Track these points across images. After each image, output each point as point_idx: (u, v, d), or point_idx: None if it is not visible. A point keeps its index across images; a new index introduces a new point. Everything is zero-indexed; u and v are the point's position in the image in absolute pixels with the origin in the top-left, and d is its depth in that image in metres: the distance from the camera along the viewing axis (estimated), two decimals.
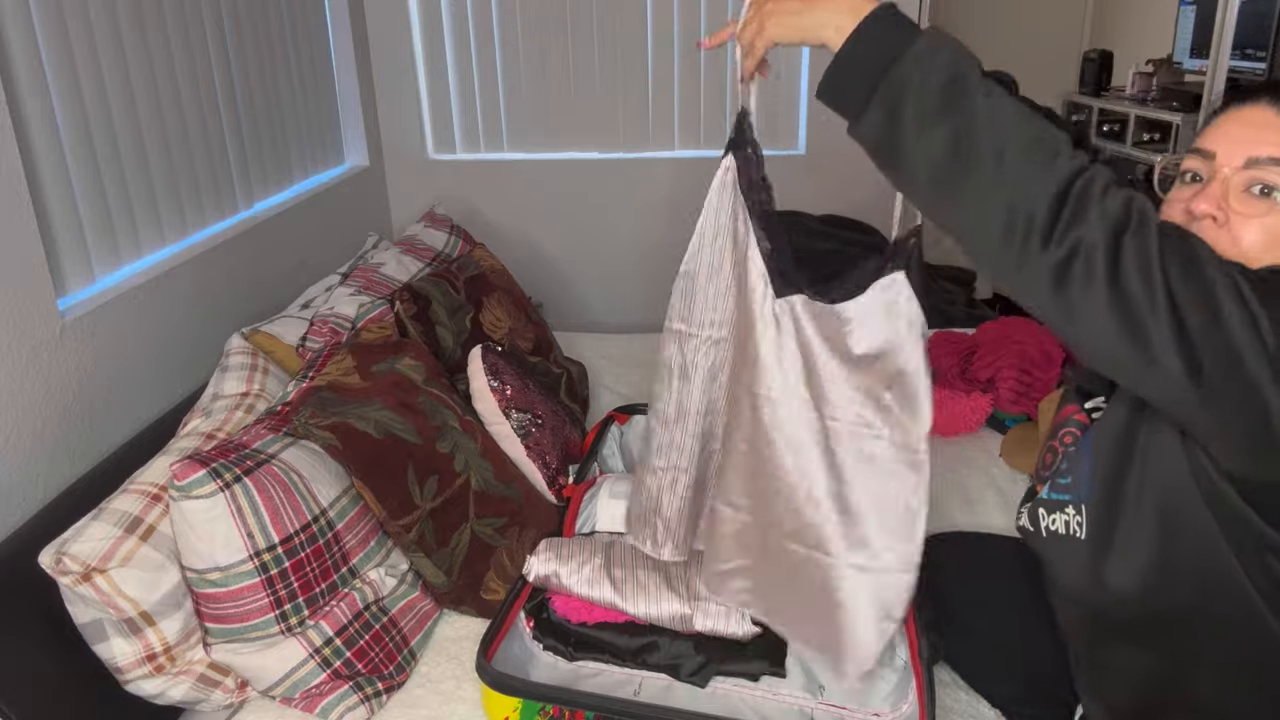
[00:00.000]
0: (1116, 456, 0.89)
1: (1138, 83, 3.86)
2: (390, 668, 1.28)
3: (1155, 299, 0.68)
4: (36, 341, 1.36)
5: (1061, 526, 0.96)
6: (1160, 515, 0.85)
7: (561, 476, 1.66)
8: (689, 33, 2.73)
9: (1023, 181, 0.71)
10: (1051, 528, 0.98)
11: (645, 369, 2.23)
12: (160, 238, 1.74)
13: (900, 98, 0.75)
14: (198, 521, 1.15)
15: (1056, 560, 0.99)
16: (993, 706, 1.22)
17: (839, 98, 0.81)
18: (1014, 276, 0.73)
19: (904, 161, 0.77)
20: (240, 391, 1.51)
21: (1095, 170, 0.72)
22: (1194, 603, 0.86)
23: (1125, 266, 0.68)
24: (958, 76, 0.75)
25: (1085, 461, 0.94)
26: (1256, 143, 0.84)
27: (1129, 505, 0.88)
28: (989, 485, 1.73)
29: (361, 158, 2.70)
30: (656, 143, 2.83)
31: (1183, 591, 0.86)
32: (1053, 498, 0.98)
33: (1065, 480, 0.97)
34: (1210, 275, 0.69)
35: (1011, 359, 1.96)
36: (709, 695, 1.25)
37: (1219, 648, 0.88)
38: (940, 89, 0.74)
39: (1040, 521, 0.99)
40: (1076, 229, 0.69)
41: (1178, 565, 0.85)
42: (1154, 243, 0.69)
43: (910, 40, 0.76)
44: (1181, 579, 0.85)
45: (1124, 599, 0.90)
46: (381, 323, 1.76)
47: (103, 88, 1.57)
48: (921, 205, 0.80)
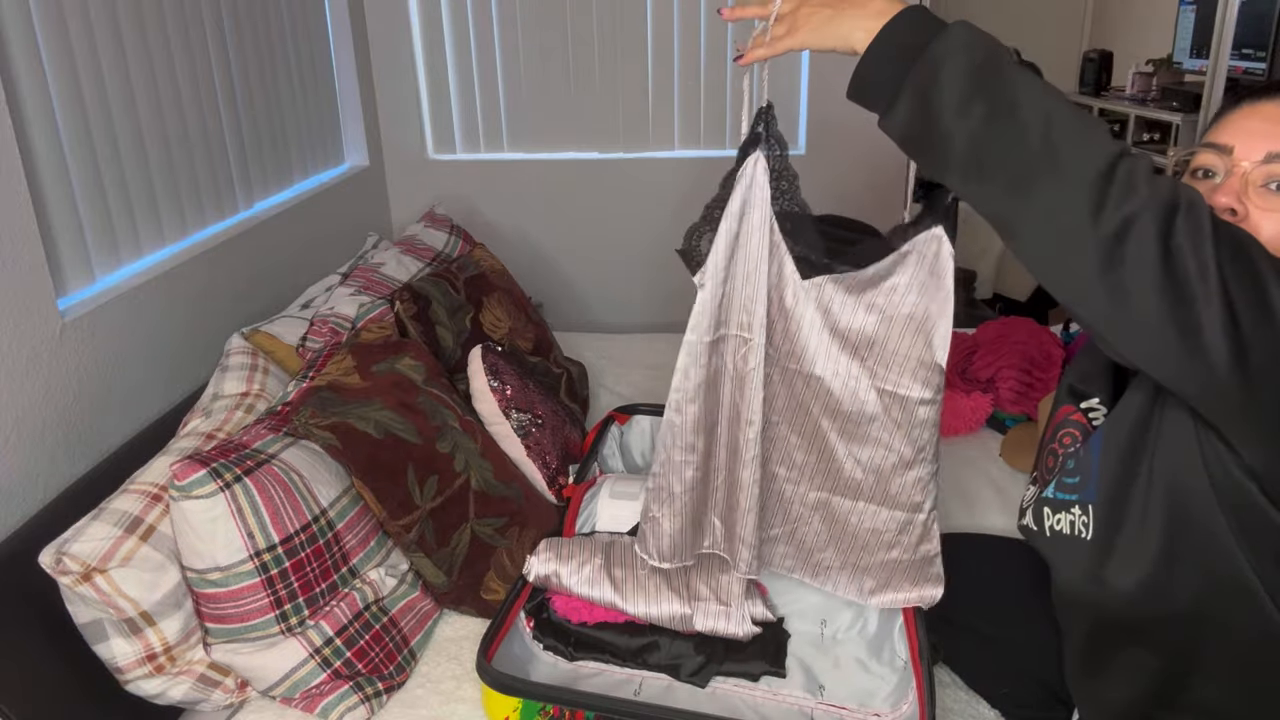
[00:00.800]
0: (1126, 457, 0.89)
1: (1137, 83, 3.86)
2: (390, 668, 1.28)
3: (1208, 283, 0.66)
4: (36, 341, 1.36)
5: (1066, 526, 0.96)
6: (1168, 516, 0.85)
7: (561, 476, 1.66)
8: (689, 32, 2.73)
9: (1069, 158, 0.70)
10: (1056, 527, 0.97)
11: (645, 369, 2.23)
12: (160, 238, 1.74)
13: (931, 81, 0.75)
14: (198, 521, 1.15)
15: (1060, 560, 0.99)
16: (992, 707, 1.22)
17: (868, 92, 0.82)
18: (1058, 257, 0.72)
19: (939, 145, 0.76)
20: (240, 391, 1.51)
21: (1138, 152, 0.71)
22: (1198, 604, 0.86)
23: (1178, 248, 0.67)
24: (990, 57, 0.74)
25: (1093, 462, 0.94)
26: (1277, 137, 0.84)
27: (1136, 505, 0.88)
28: (989, 485, 1.72)
29: (361, 158, 2.70)
30: (656, 143, 2.83)
31: (1187, 593, 0.86)
32: (1058, 497, 0.97)
33: (1072, 480, 0.97)
34: (1260, 265, 0.68)
35: (1011, 359, 1.96)
36: (709, 695, 1.25)
37: (1223, 649, 0.87)
38: (974, 70, 0.74)
39: (1045, 521, 0.99)
40: (1126, 205, 0.68)
41: (1184, 566, 0.85)
42: (1207, 225, 0.67)
43: (939, 30, 0.77)
44: (1186, 580, 0.85)
45: (1127, 599, 0.89)
46: (381, 323, 1.75)
47: (103, 88, 1.57)
48: (961, 189, 0.79)
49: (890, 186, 2.89)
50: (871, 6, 0.81)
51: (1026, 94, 0.73)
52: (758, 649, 1.27)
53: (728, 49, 2.74)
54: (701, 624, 1.26)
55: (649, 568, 1.30)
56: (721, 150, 2.82)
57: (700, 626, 1.26)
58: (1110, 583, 0.90)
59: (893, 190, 2.90)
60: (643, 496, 1.28)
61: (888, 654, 1.28)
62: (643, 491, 1.48)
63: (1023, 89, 0.73)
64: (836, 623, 1.35)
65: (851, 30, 0.82)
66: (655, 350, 2.34)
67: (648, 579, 1.29)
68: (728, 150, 2.85)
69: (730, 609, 1.26)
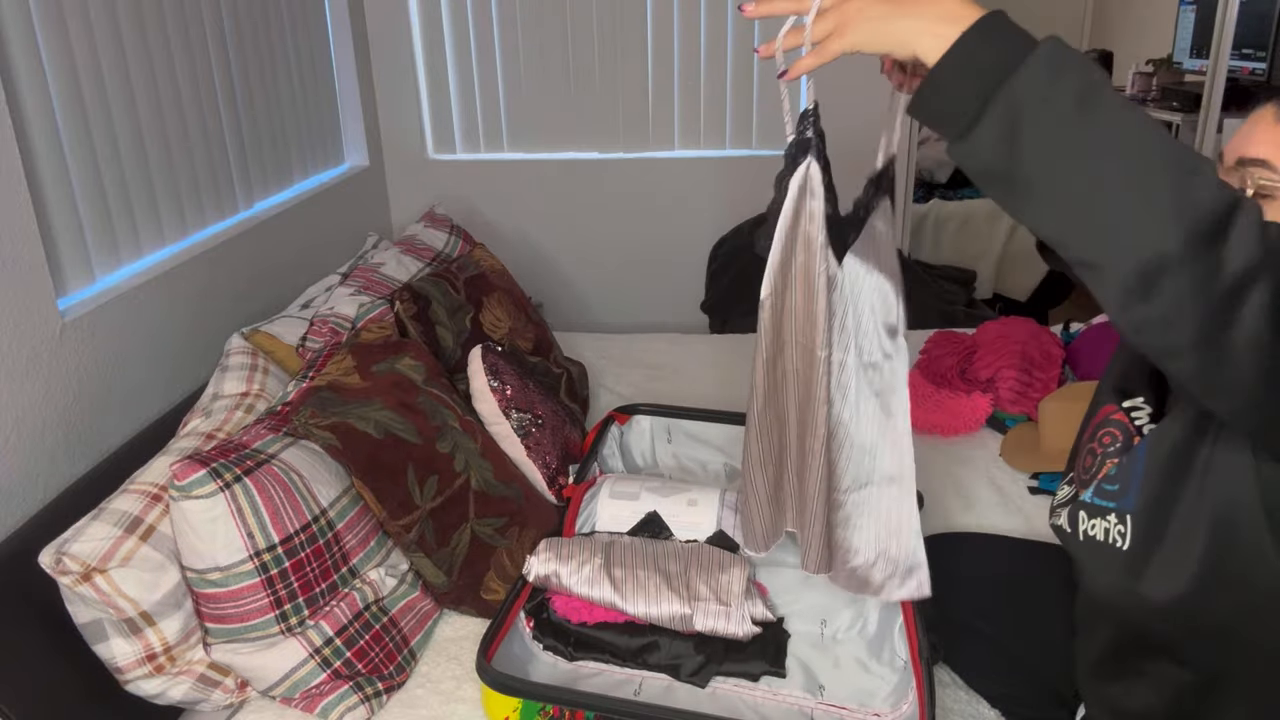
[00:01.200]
0: (1172, 473, 0.86)
1: (1138, 83, 3.86)
2: (390, 668, 1.28)
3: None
4: (36, 341, 1.36)
5: (1101, 534, 0.93)
6: (1214, 535, 0.82)
7: (561, 476, 1.66)
8: (689, 32, 2.73)
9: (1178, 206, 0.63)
10: (1090, 533, 0.94)
11: (645, 369, 2.23)
12: (160, 238, 1.74)
13: (1021, 112, 0.66)
14: (198, 521, 1.15)
15: (1091, 565, 0.96)
16: (992, 706, 1.22)
17: (938, 114, 0.72)
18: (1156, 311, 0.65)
19: (1025, 185, 0.68)
20: (240, 391, 1.51)
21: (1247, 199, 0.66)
22: (1235, 622, 0.84)
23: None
24: (1090, 87, 0.66)
25: (1137, 471, 0.90)
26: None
27: (1180, 521, 0.85)
28: (989, 485, 1.72)
29: (361, 158, 2.70)
30: (656, 143, 2.83)
31: (1224, 611, 0.83)
32: (1096, 503, 0.94)
33: (1112, 487, 0.93)
34: None
35: (1011, 359, 1.96)
36: (709, 695, 1.25)
37: (1256, 668, 0.86)
38: (1074, 103, 0.65)
39: (1079, 525, 0.96)
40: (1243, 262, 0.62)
41: (1224, 585, 0.83)
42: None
43: (1027, 49, 0.67)
44: (1225, 599, 0.83)
45: (1160, 612, 0.87)
46: (381, 323, 1.76)
47: (103, 88, 1.57)
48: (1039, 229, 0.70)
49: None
50: (939, 6, 0.71)
51: (1131, 132, 0.65)
52: (758, 649, 1.27)
53: (728, 49, 2.74)
54: (701, 624, 1.26)
55: (649, 568, 1.30)
56: (721, 150, 2.82)
57: (700, 626, 1.26)
58: (1143, 594, 0.87)
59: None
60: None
61: (888, 654, 1.28)
62: (642, 491, 1.48)
63: (1126, 125, 0.65)
64: (836, 622, 1.35)
65: (916, 34, 0.71)
66: (655, 350, 2.34)
67: (647, 579, 1.29)
68: (728, 150, 2.86)
69: (730, 609, 1.26)
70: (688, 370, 2.22)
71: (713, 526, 1.42)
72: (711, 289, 2.84)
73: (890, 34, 0.73)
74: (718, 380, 2.15)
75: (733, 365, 2.23)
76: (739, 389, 2.10)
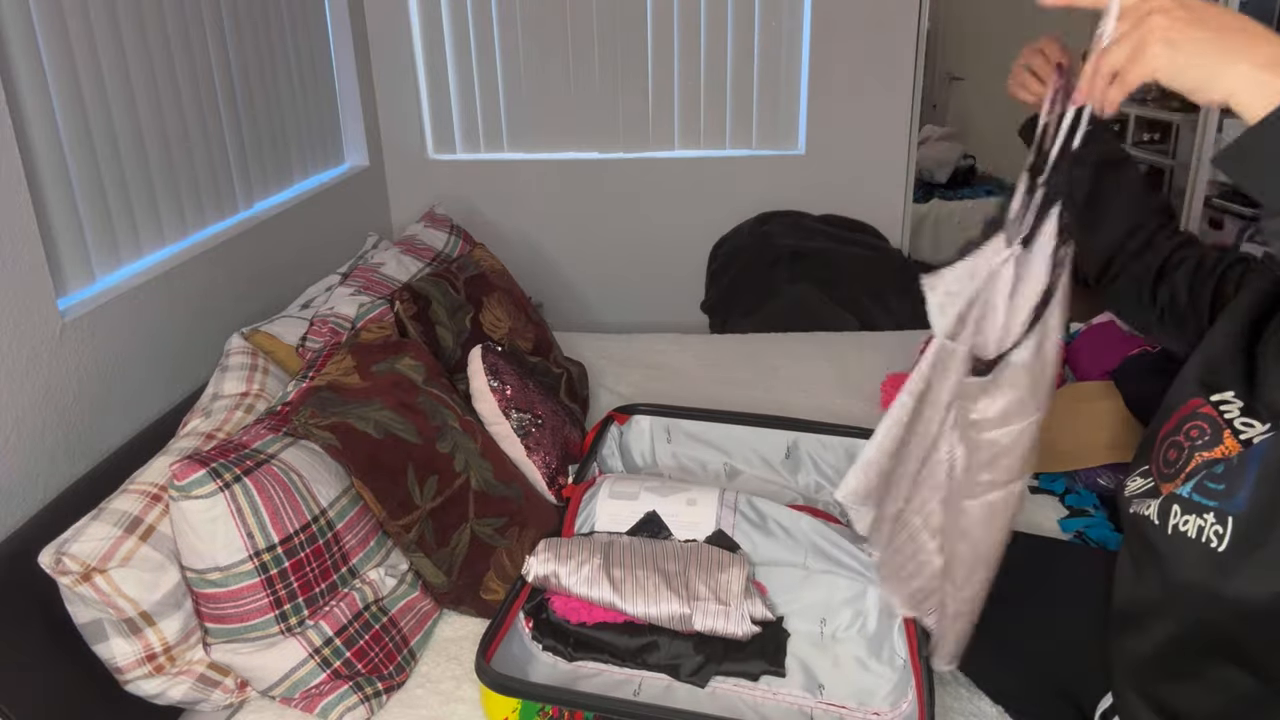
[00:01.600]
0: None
1: None
2: (390, 668, 1.28)
3: None
4: (36, 341, 1.36)
5: (1194, 530, 0.90)
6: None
7: (561, 476, 1.66)
8: (689, 32, 2.73)
9: None
10: (1181, 528, 0.92)
11: (645, 369, 2.23)
12: (160, 238, 1.74)
13: None
14: (198, 521, 1.15)
15: (1175, 560, 0.93)
16: (995, 704, 1.22)
17: (1256, 175, 0.64)
18: None
19: None
20: (240, 391, 1.51)
21: None
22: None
23: None
24: None
25: (1249, 475, 0.87)
26: None
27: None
28: None
29: (361, 158, 2.70)
30: (656, 143, 2.84)
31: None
32: (1194, 499, 0.91)
33: (1217, 486, 0.90)
34: None
35: None
36: (709, 695, 1.25)
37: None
38: None
39: (1170, 518, 0.93)
40: None
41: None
42: None
43: None
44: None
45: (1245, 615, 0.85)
46: (381, 323, 1.76)
47: (103, 88, 1.57)
48: None
49: (888, 186, 2.90)
50: (1271, 47, 0.62)
51: None
52: (757, 648, 1.27)
53: (728, 49, 2.74)
54: (701, 624, 1.26)
55: (648, 568, 1.30)
56: (721, 150, 2.83)
57: (699, 626, 1.26)
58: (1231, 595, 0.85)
59: (892, 190, 2.90)
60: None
61: (887, 652, 1.28)
62: (642, 491, 1.48)
63: None
64: (836, 621, 1.35)
65: (1235, 78, 0.63)
66: (655, 350, 2.34)
67: (646, 579, 1.29)
68: (728, 150, 2.86)
69: (729, 608, 1.26)
70: (688, 370, 2.22)
71: (712, 526, 1.42)
72: (711, 289, 2.84)
73: (1201, 72, 0.66)
74: (718, 380, 2.15)
75: (732, 365, 2.23)
76: (738, 389, 2.10)
